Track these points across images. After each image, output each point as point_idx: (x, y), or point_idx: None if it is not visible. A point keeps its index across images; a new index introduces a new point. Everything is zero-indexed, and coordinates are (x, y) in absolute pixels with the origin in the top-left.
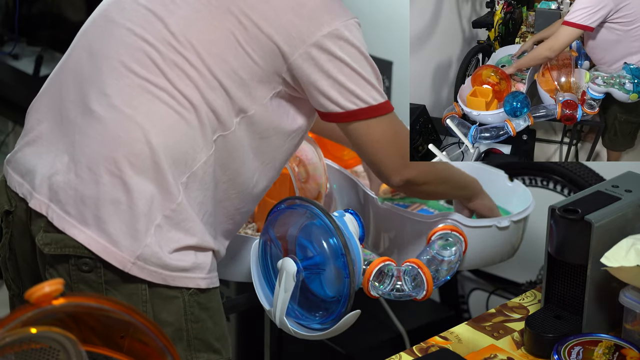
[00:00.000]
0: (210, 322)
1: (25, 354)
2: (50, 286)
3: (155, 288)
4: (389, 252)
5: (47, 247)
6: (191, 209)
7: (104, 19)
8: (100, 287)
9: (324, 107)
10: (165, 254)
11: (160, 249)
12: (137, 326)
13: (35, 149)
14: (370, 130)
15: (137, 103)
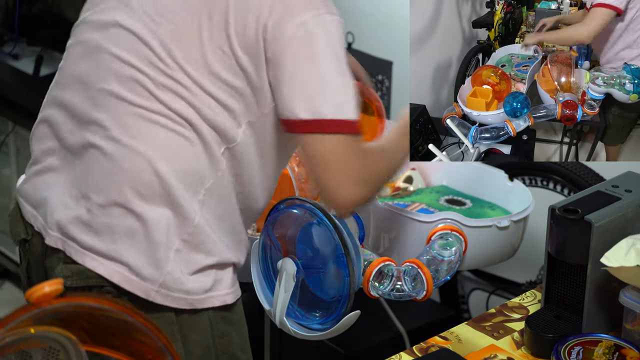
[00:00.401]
0: (236, 334)
1: (25, 354)
2: (50, 286)
3: (181, 312)
4: (389, 252)
5: (68, 279)
6: (209, 228)
7: (89, 44)
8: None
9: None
10: (187, 277)
11: (182, 274)
12: (137, 326)
13: (44, 179)
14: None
15: (136, 132)
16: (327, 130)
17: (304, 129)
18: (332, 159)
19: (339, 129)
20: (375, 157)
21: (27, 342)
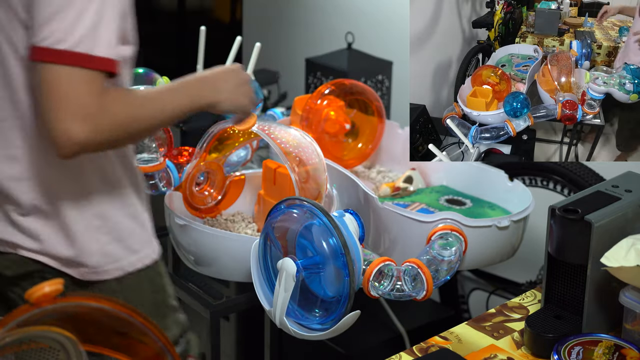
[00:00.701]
0: (168, 286)
1: (25, 354)
2: (50, 286)
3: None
4: (389, 252)
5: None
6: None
7: None
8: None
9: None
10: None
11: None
12: (137, 326)
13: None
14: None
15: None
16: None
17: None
18: (58, 90)
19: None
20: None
21: (27, 342)
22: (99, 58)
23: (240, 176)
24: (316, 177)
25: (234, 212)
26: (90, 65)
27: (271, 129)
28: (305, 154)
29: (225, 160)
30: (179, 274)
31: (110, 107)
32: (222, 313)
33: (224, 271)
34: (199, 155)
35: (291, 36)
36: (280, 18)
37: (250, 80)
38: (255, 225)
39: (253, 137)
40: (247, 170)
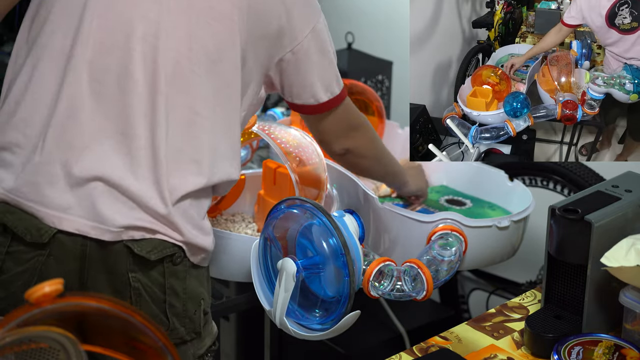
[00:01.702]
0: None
1: (25, 354)
2: (50, 286)
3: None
4: (389, 252)
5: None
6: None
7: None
8: (184, 275)
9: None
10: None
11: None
12: (137, 326)
13: None
14: (330, 115)
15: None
16: (338, 103)
17: (325, 108)
18: (339, 121)
19: (343, 99)
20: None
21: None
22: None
23: (241, 176)
24: (316, 177)
25: (234, 212)
26: (346, 93)
27: (271, 129)
28: (305, 154)
29: None
30: None
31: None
32: (222, 313)
33: (224, 271)
34: None
35: None
36: None
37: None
38: (255, 225)
39: (253, 137)
40: (247, 170)
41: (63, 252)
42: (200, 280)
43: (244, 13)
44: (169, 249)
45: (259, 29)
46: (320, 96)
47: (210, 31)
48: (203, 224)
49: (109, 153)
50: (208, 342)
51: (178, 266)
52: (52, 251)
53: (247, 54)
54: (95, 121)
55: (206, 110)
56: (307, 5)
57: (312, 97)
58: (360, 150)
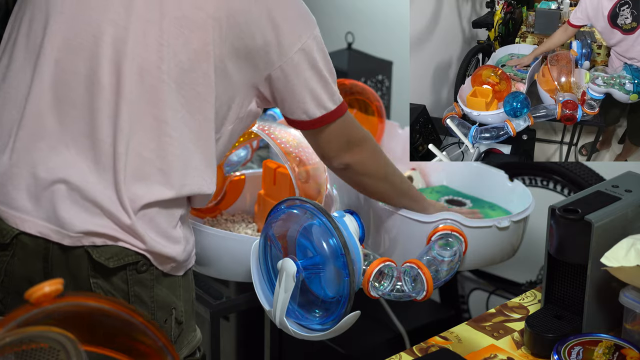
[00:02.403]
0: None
1: (25, 354)
2: (50, 286)
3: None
4: (389, 252)
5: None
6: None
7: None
8: (151, 283)
9: (295, 114)
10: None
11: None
12: (137, 326)
13: None
14: (326, 130)
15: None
16: (334, 118)
17: (318, 124)
18: (337, 136)
19: (340, 114)
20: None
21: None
22: (344, 102)
23: (240, 176)
24: (316, 177)
25: (234, 212)
26: (345, 109)
27: (271, 129)
28: (305, 154)
29: (225, 160)
30: None
31: (369, 140)
32: (222, 313)
33: (224, 271)
34: None
35: None
36: None
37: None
38: (255, 225)
39: (253, 137)
40: (247, 170)
41: (26, 253)
42: (172, 289)
43: (221, 24)
44: (131, 257)
45: (241, 41)
46: (312, 112)
47: (182, 40)
48: (173, 233)
49: (75, 157)
50: (185, 352)
51: (143, 274)
52: (16, 252)
53: (226, 66)
54: (62, 124)
55: (174, 121)
56: (298, 20)
57: (304, 113)
58: (361, 166)
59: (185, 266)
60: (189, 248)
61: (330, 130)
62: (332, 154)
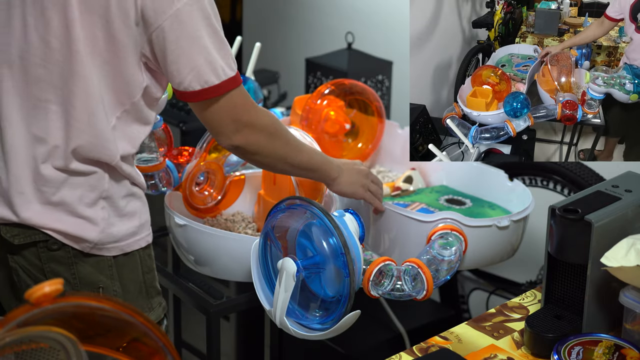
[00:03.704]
0: (155, 269)
1: (25, 354)
2: (50, 286)
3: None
4: (389, 252)
5: (16, 238)
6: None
7: None
8: (70, 261)
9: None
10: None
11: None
12: (137, 326)
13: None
14: (211, 107)
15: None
16: (216, 94)
17: (198, 97)
18: (223, 113)
19: (224, 90)
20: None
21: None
22: (233, 78)
23: (240, 176)
24: None
25: (234, 212)
26: (233, 85)
27: None
28: None
29: (225, 160)
30: (179, 274)
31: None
32: (222, 313)
33: (224, 271)
34: (199, 155)
35: (291, 36)
36: (280, 18)
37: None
38: (255, 225)
39: None
40: (247, 170)
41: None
42: (100, 268)
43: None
44: (38, 235)
45: (108, 10)
46: (189, 84)
47: (44, 21)
48: (86, 213)
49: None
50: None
51: (57, 252)
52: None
53: (100, 38)
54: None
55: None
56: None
57: (181, 84)
58: (252, 147)
59: (117, 248)
60: (117, 230)
61: (215, 108)
62: (218, 132)
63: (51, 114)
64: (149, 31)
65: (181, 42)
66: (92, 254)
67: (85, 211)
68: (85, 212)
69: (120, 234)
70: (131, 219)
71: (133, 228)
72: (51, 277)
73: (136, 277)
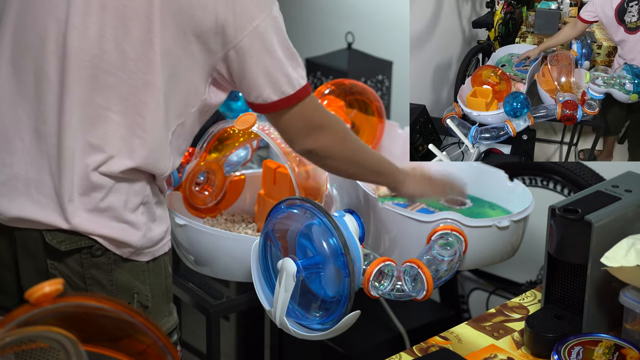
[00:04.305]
0: (171, 274)
1: (25, 354)
2: (50, 286)
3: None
4: (389, 252)
5: (62, 244)
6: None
7: None
8: (109, 267)
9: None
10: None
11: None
12: (137, 326)
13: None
14: (285, 115)
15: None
16: (291, 103)
17: (275, 108)
18: (296, 119)
19: (298, 99)
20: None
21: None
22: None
23: (240, 176)
24: (316, 177)
25: (234, 212)
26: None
27: (271, 129)
28: None
29: (225, 160)
30: (179, 274)
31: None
32: (222, 313)
33: (224, 271)
34: (199, 155)
35: (291, 36)
36: None
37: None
38: (255, 225)
39: (253, 137)
40: (247, 170)
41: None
42: (135, 273)
43: (165, 10)
44: (83, 241)
45: (189, 25)
46: (268, 96)
47: (124, 30)
48: (129, 218)
49: (28, 148)
50: None
51: (99, 258)
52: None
53: (176, 51)
54: (16, 118)
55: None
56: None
57: (260, 96)
58: (324, 151)
59: (150, 252)
60: (153, 235)
61: (290, 115)
62: (293, 139)
63: (111, 123)
64: (227, 47)
65: (259, 57)
66: (129, 260)
67: (129, 216)
68: (130, 217)
69: (155, 239)
70: (161, 224)
71: (162, 233)
72: (91, 284)
73: (161, 282)
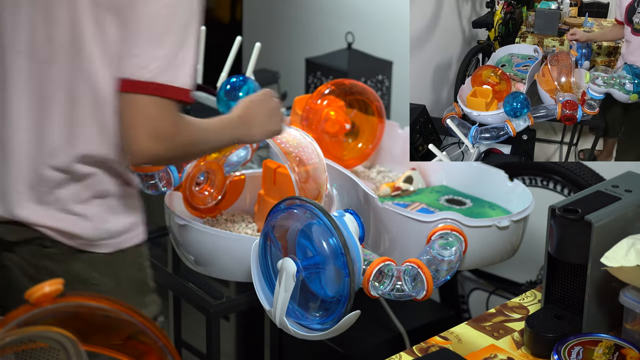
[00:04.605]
0: (148, 267)
1: (25, 354)
2: (50, 286)
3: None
4: (389, 252)
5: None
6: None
7: None
8: (63, 258)
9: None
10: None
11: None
12: (137, 326)
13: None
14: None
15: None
16: (142, 89)
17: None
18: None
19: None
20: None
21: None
22: (177, 88)
23: (240, 176)
24: (316, 177)
25: (234, 212)
26: (170, 95)
27: None
28: (305, 154)
29: (225, 160)
30: (179, 274)
31: (183, 131)
32: (222, 313)
33: (224, 271)
34: None
35: (291, 36)
36: (280, 18)
37: (280, 105)
38: (255, 225)
39: None
40: (247, 170)
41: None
42: (92, 264)
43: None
44: (32, 233)
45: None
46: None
47: (51, 18)
48: (79, 210)
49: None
50: None
51: (50, 249)
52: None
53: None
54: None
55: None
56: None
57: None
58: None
59: (110, 244)
60: (110, 227)
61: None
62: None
63: (53, 113)
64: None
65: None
66: (86, 251)
67: (78, 208)
68: (78, 209)
69: (114, 231)
70: (126, 216)
71: (127, 225)
72: (44, 275)
73: (131, 274)
